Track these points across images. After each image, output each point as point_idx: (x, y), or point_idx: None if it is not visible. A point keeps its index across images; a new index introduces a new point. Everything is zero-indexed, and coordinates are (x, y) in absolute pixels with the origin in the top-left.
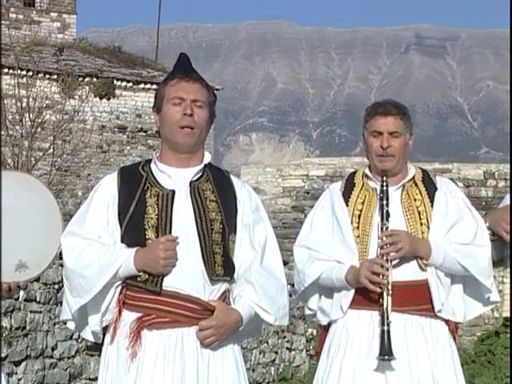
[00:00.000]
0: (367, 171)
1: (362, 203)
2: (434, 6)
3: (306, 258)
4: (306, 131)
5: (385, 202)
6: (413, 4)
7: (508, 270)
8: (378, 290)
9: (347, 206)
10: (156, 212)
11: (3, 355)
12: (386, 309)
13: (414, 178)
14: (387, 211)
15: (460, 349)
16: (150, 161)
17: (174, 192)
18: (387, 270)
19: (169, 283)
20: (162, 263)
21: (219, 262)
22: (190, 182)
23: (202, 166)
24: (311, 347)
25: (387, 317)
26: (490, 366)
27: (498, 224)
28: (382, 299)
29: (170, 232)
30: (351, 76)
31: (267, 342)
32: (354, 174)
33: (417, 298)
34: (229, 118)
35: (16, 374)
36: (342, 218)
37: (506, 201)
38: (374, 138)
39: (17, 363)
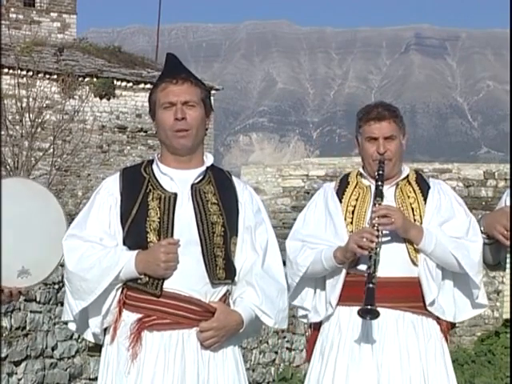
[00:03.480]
0: (361, 170)
1: (356, 199)
2: (434, 6)
3: (299, 248)
4: (306, 131)
5: (379, 183)
6: (413, 4)
7: (508, 271)
8: (366, 252)
9: (341, 202)
10: (158, 215)
11: (3, 355)
12: (374, 271)
13: (407, 177)
14: (381, 190)
15: (460, 349)
16: (151, 162)
17: (176, 195)
18: (377, 237)
19: (170, 286)
20: (162, 266)
21: (221, 265)
22: (192, 185)
23: (204, 168)
24: None
25: (373, 277)
26: (490, 366)
27: (494, 227)
28: (370, 262)
29: (172, 235)
30: (351, 76)
31: (267, 342)
32: (348, 174)
33: (409, 295)
34: (229, 118)
35: (16, 373)
36: (335, 213)
37: (502, 203)
38: (370, 144)
39: (17, 363)
